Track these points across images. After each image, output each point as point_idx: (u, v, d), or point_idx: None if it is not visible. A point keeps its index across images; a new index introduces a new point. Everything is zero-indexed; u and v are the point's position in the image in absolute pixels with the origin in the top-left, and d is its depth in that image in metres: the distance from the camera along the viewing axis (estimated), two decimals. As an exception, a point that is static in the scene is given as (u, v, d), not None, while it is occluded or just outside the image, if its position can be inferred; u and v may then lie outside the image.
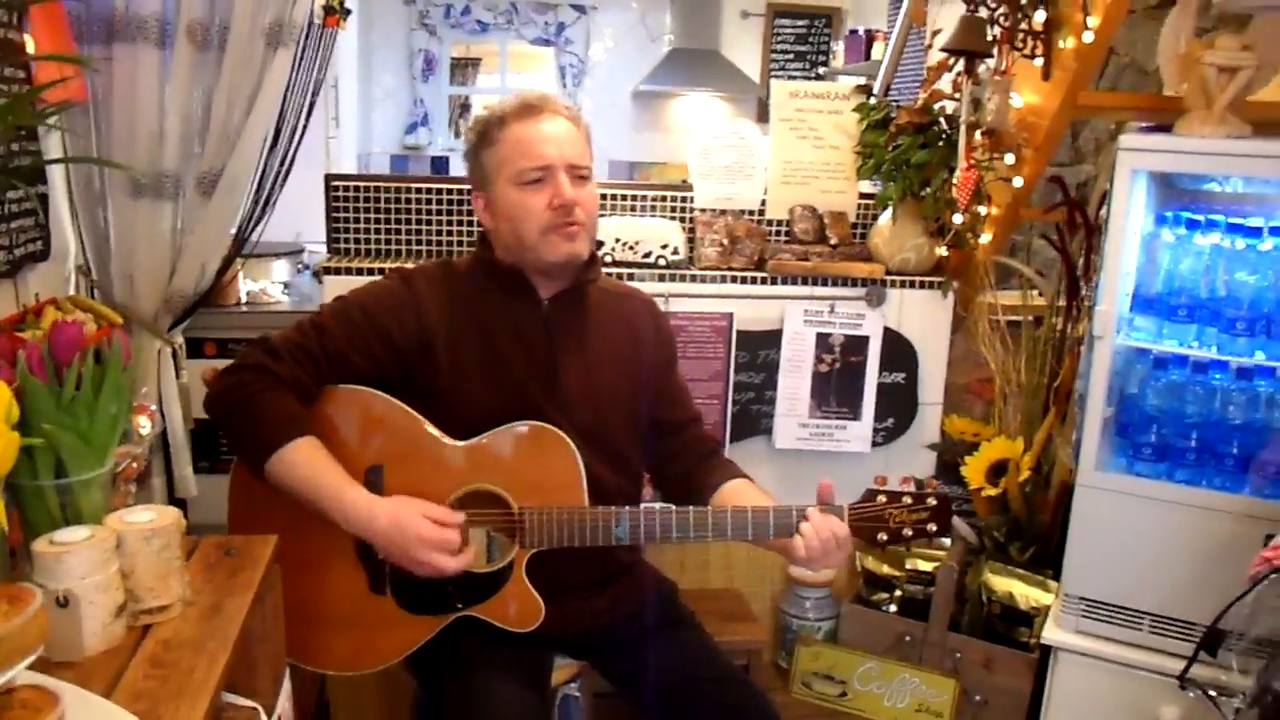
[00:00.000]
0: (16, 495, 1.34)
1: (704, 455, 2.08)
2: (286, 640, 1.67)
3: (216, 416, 1.83)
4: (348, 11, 2.54)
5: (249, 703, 1.44)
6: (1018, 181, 2.63)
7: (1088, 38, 2.37)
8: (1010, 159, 2.56)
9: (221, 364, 1.91)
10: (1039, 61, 2.51)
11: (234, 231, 2.61)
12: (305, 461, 1.76)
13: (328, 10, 2.49)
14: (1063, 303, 2.71)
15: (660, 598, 2.09)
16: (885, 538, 1.83)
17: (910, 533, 1.83)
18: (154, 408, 2.23)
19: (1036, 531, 2.63)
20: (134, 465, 1.85)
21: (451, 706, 1.83)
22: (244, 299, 3.20)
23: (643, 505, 1.90)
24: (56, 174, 2.44)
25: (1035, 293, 2.80)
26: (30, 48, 2.17)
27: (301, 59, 2.50)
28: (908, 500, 1.83)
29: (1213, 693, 2.01)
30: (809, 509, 1.81)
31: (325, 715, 2.60)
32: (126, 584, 1.31)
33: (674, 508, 1.87)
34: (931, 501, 1.83)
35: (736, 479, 2.02)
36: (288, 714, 1.61)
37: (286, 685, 1.63)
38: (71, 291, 2.52)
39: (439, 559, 1.75)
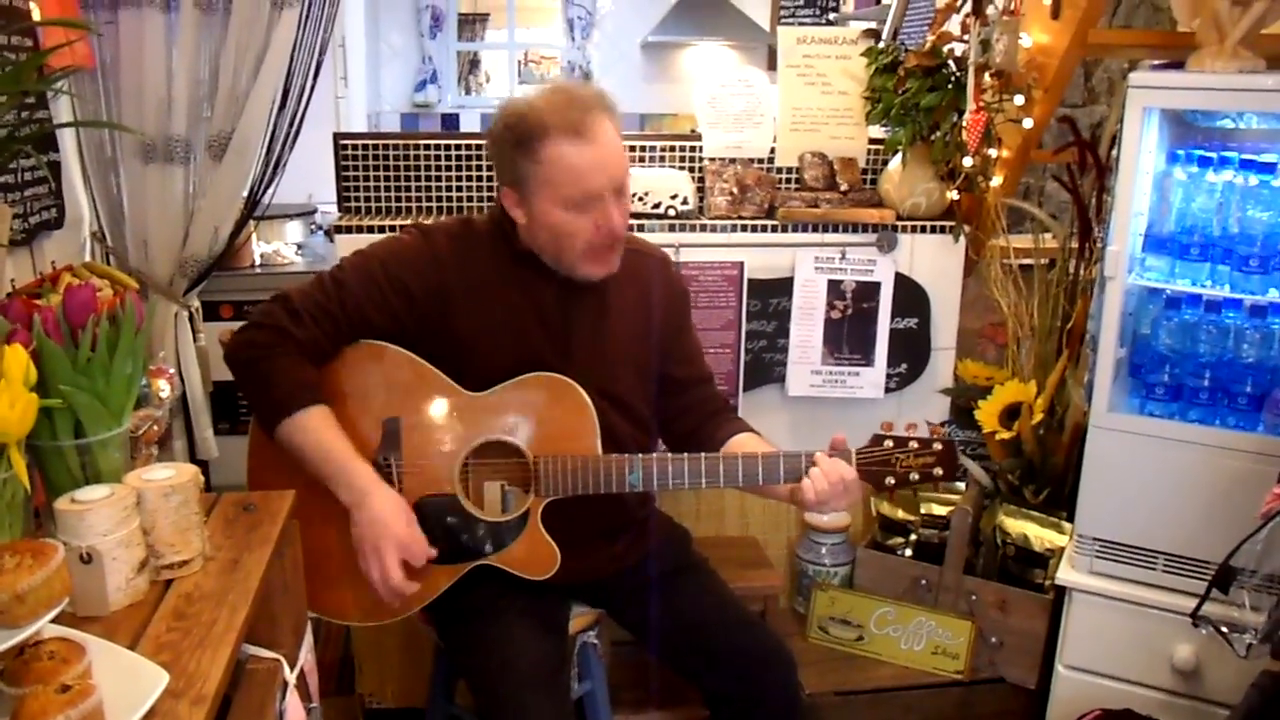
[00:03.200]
0: (38, 456, 1.37)
1: (712, 413, 2.09)
2: (307, 594, 1.70)
3: (235, 371, 1.86)
4: (351, -31, 2.54)
5: (271, 654, 1.47)
6: (1028, 123, 2.60)
7: (1097, -26, 2.35)
8: (1020, 100, 2.54)
9: (238, 326, 1.93)
10: (1048, 0, 2.48)
11: (246, 194, 2.62)
12: (315, 429, 1.79)
13: (332, -32, 2.49)
14: (1075, 245, 2.70)
15: (674, 545, 2.12)
16: (893, 482, 1.85)
17: (917, 477, 1.85)
18: (172, 371, 2.26)
19: (1050, 474, 2.64)
20: (155, 428, 1.88)
21: (470, 655, 1.87)
22: (258, 261, 3.23)
23: (655, 453, 1.92)
24: (68, 142, 2.46)
25: (1047, 235, 2.79)
26: (35, 14, 2.18)
27: (307, 18, 2.50)
28: (914, 445, 1.85)
29: (1225, 629, 2.03)
30: (817, 453, 1.83)
31: (350, 667, 2.66)
32: (147, 540, 1.33)
33: (686, 454, 1.89)
34: (937, 446, 1.85)
35: (743, 433, 2.04)
36: (310, 665, 1.65)
37: (308, 638, 1.66)
38: (87, 258, 2.54)
39: (391, 561, 1.78)
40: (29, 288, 1.79)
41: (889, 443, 1.85)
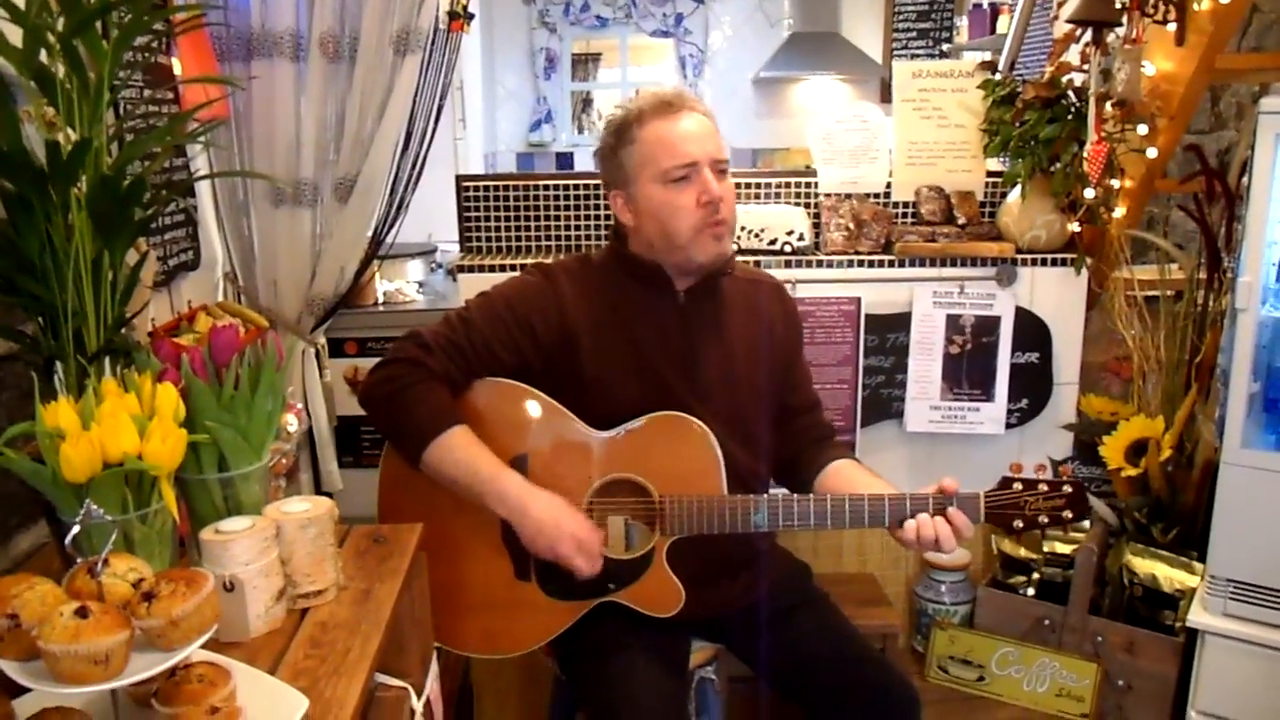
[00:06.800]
0: (184, 488, 1.43)
1: (815, 440, 2.09)
2: (433, 624, 1.74)
3: (372, 408, 1.89)
4: (471, 16, 2.61)
5: (399, 682, 1.51)
6: (1152, 152, 2.54)
7: (1225, -2, 2.29)
8: (1143, 129, 2.48)
9: (362, 362, 1.98)
10: (1172, 27, 2.43)
11: (370, 234, 2.70)
12: (461, 447, 1.82)
13: (452, 15, 2.56)
14: (1203, 275, 2.62)
15: (794, 579, 2.11)
16: (1021, 525, 1.82)
17: (1046, 519, 1.82)
18: (300, 406, 2.33)
19: (1180, 512, 2.55)
20: (284, 461, 1.94)
21: (591, 689, 1.88)
22: (381, 299, 3.31)
23: (780, 493, 1.92)
24: (203, 187, 2.58)
25: (1174, 266, 2.72)
26: (178, 69, 2.30)
27: (429, 64, 2.58)
28: (1043, 488, 1.82)
29: (1374, 676, 1.94)
30: (945, 501, 1.82)
31: (469, 697, 2.70)
32: (285, 570, 1.39)
33: (812, 495, 1.88)
34: (1067, 489, 1.81)
35: (841, 459, 2.03)
36: (435, 694, 1.68)
37: (434, 667, 1.70)
38: (220, 298, 2.65)
39: (580, 561, 1.80)
40: (167, 327, 1.89)
41: (1018, 485, 1.83)
